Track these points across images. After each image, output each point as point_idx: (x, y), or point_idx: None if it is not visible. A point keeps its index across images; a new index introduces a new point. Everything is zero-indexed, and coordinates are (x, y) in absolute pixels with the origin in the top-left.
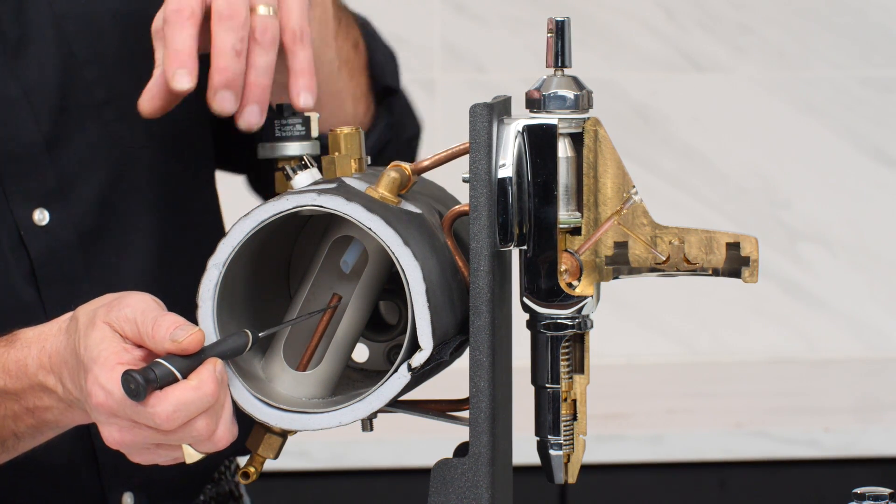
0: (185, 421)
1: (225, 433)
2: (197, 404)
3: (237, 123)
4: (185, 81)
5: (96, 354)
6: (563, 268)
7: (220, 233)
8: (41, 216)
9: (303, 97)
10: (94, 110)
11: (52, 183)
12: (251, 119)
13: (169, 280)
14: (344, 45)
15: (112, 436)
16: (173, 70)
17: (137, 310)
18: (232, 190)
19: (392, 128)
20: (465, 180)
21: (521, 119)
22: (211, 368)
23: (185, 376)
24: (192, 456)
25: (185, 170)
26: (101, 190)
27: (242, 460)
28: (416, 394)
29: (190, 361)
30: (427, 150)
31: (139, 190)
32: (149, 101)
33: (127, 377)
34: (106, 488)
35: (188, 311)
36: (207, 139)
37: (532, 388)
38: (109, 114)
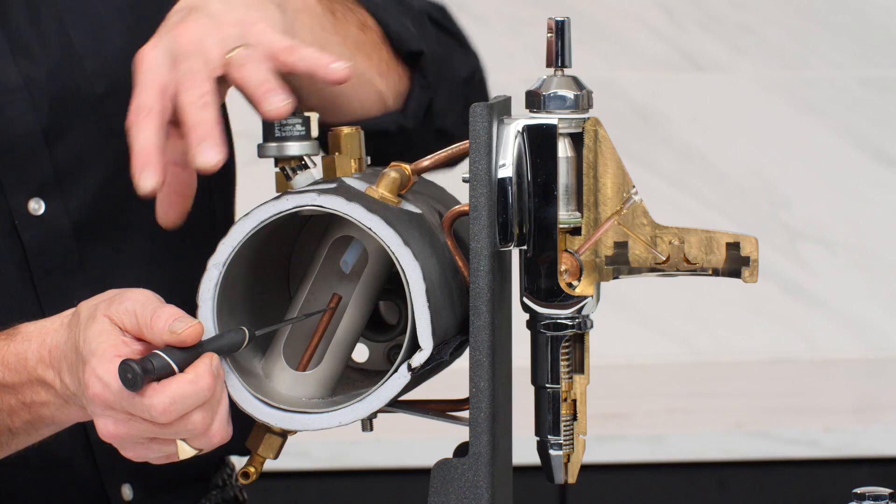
0: (181, 414)
1: (220, 429)
2: (193, 398)
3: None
4: (148, 182)
5: (95, 346)
6: (563, 268)
7: (217, 235)
8: (37, 206)
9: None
10: (95, 103)
11: (49, 173)
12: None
13: (163, 277)
14: (349, 31)
15: (107, 428)
16: (137, 170)
17: (138, 302)
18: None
19: (428, 88)
20: (465, 180)
21: (521, 119)
22: (207, 363)
23: (181, 370)
24: (185, 452)
25: None
26: (100, 182)
27: (241, 462)
28: (416, 394)
29: (187, 355)
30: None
31: None
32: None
33: (124, 367)
34: (104, 480)
35: (183, 308)
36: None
37: (532, 388)
38: (110, 106)
